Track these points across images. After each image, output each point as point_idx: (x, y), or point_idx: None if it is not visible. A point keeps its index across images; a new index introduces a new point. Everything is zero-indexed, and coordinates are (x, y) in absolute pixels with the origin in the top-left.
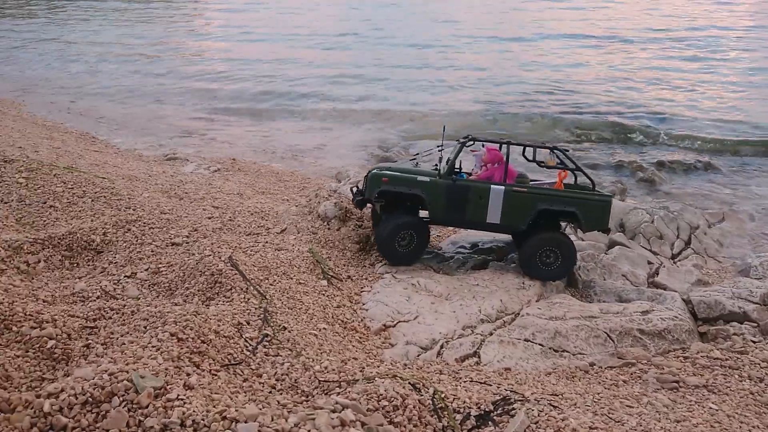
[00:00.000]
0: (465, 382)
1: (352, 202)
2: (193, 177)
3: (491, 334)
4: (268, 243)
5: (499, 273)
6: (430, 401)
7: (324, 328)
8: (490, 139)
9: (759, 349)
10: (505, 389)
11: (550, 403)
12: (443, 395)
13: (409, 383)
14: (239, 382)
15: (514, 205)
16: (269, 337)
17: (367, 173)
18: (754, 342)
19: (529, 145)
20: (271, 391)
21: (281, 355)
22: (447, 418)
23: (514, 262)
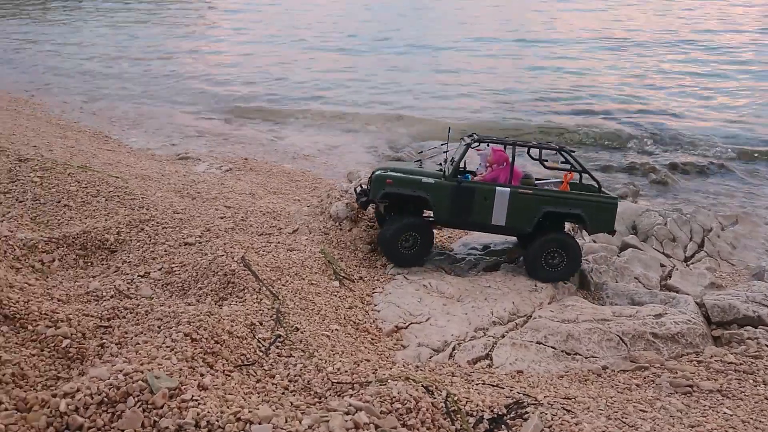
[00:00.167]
0: (477, 385)
1: (356, 203)
2: (206, 176)
3: (503, 337)
4: (280, 243)
5: (510, 275)
6: (443, 404)
7: (336, 330)
8: (495, 140)
9: None
10: (517, 392)
11: (563, 407)
12: (456, 398)
13: (422, 385)
14: (252, 382)
15: (519, 207)
16: (282, 338)
17: (371, 173)
18: None
19: (534, 145)
20: (284, 392)
21: (294, 356)
22: (460, 422)
23: None
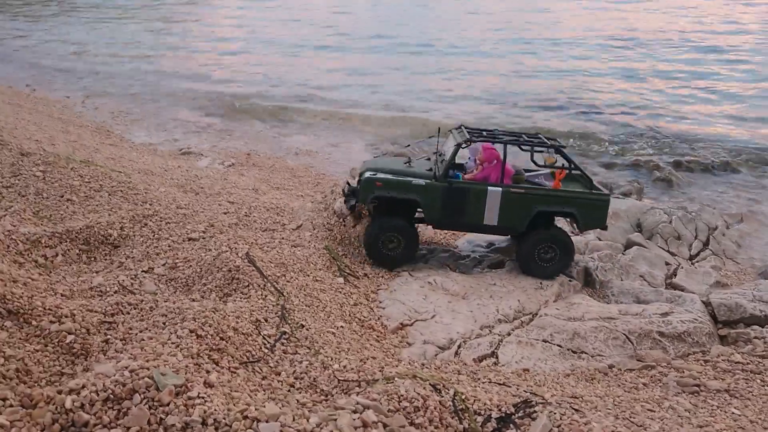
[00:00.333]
0: (484, 383)
1: (345, 204)
2: (208, 172)
3: (509, 335)
4: (284, 239)
5: (516, 272)
6: (451, 403)
7: (341, 327)
8: (485, 135)
9: None
10: (525, 391)
11: (571, 406)
12: (464, 397)
13: (430, 384)
14: (258, 380)
15: (511, 206)
16: (287, 335)
17: (360, 173)
18: None
19: (525, 142)
20: (290, 390)
21: (299, 353)
22: (468, 420)
23: None
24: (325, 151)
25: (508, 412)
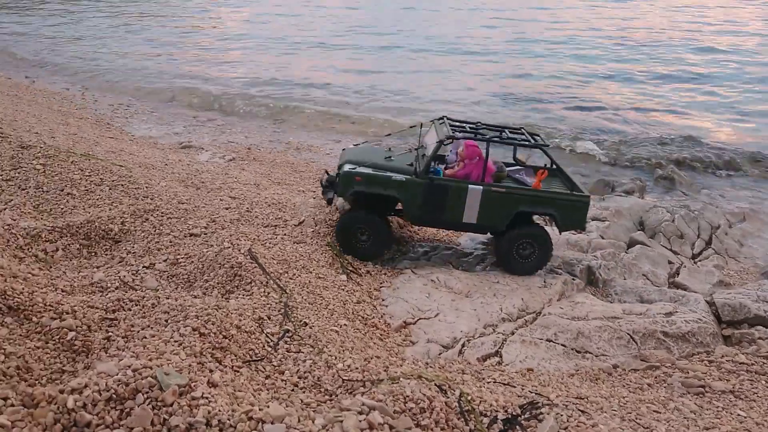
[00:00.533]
0: (488, 383)
1: (322, 196)
2: (209, 166)
3: (513, 334)
4: (286, 235)
5: None
6: (457, 404)
7: (345, 325)
8: (468, 129)
9: None
10: (530, 391)
11: (578, 408)
12: (469, 397)
13: (435, 384)
14: (261, 378)
15: (491, 205)
16: (290, 333)
17: (339, 166)
18: None
19: (509, 142)
20: (293, 389)
21: (303, 352)
22: (474, 422)
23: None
24: (327, 147)
25: (514, 414)
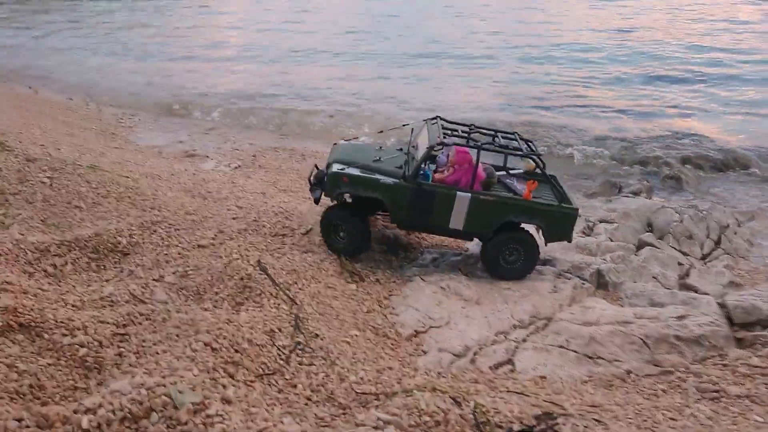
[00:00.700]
0: (502, 392)
1: (311, 193)
2: (215, 175)
3: (525, 341)
4: (294, 245)
5: (530, 276)
6: (472, 416)
7: (356, 335)
8: (459, 134)
9: None
10: (544, 400)
11: (594, 418)
12: (484, 409)
13: (449, 396)
14: (274, 393)
15: (478, 213)
16: (302, 345)
17: (327, 164)
18: None
19: (499, 151)
20: (307, 403)
21: (315, 365)
22: None
23: (545, 264)
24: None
25: (529, 425)
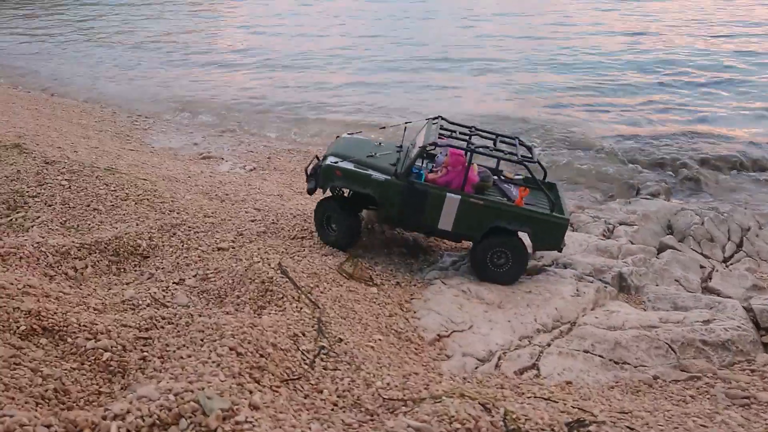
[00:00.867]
0: (529, 398)
1: (307, 184)
2: (231, 177)
3: (549, 345)
4: (313, 247)
5: (551, 279)
6: (502, 423)
7: (379, 339)
8: (457, 138)
9: None
10: (572, 406)
11: (626, 426)
12: (514, 416)
13: (479, 402)
14: (300, 398)
15: (468, 215)
16: (326, 350)
17: (324, 156)
18: None
19: (493, 155)
20: (333, 409)
21: (340, 369)
22: None
23: (566, 267)
24: None
25: None
